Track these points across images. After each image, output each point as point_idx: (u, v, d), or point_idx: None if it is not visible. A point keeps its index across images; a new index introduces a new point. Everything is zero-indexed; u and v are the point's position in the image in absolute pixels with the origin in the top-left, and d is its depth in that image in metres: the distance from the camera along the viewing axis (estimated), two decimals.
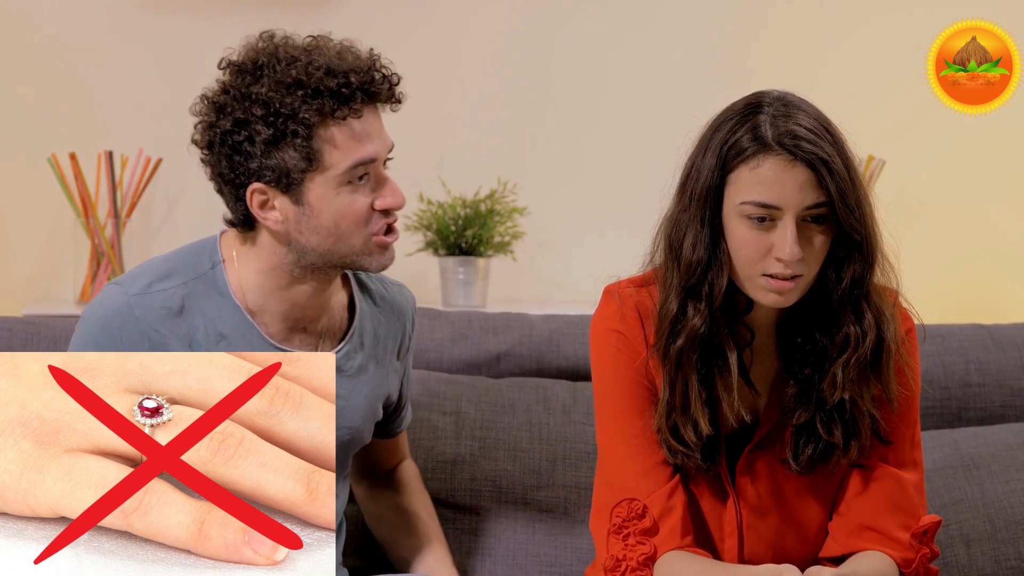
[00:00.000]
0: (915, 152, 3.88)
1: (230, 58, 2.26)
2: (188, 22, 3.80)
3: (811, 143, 2.15)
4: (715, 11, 3.88)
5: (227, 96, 2.22)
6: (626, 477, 2.24)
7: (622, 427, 2.25)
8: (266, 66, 2.22)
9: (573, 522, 2.67)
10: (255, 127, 2.19)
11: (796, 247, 2.14)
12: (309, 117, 2.18)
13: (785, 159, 2.15)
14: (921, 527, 2.24)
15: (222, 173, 2.24)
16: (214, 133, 2.23)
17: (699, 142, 2.24)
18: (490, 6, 3.85)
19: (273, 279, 2.27)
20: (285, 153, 2.19)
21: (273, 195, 2.22)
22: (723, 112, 2.24)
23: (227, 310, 2.26)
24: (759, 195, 2.15)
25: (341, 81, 2.20)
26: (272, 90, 2.19)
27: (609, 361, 2.27)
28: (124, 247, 3.75)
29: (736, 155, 2.17)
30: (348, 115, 2.20)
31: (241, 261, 2.28)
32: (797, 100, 2.21)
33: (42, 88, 3.79)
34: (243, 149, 2.20)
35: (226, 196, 2.27)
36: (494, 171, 3.77)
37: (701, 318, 2.21)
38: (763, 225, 2.16)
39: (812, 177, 2.15)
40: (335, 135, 2.20)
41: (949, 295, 3.89)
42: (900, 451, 2.27)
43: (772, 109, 2.19)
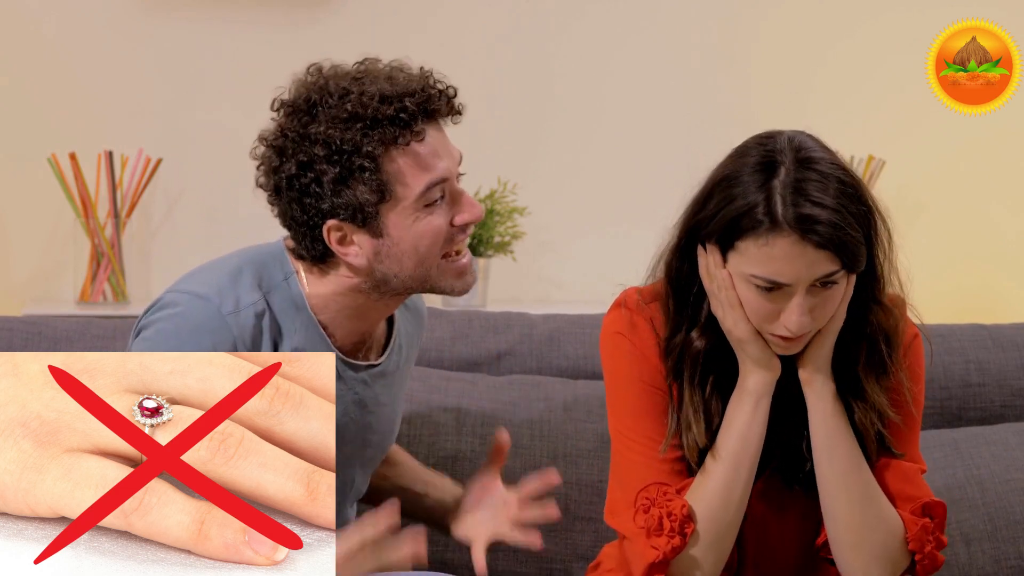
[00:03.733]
0: (915, 152, 3.89)
1: (282, 98, 2.20)
2: (188, 22, 3.80)
3: (827, 225, 2.07)
4: (715, 12, 3.88)
5: (286, 139, 2.16)
6: (650, 471, 2.22)
7: (642, 426, 2.24)
8: (319, 103, 2.15)
9: (573, 519, 2.67)
10: (320, 167, 2.13)
11: (805, 319, 2.11)
12: (372, 149, 2.12)
13: (796, 239, 2.08)
14: (921, 503, 2.22)
15: (294, 215, 2.17)
16: (279, 178, 2.17)
17: (706, 188, 2.16)
18: (490, 6, 3.86)
19: (348, 300, 2.22)
20: (355, 189, 2.13)
21: (350, 230, 2.16)
22: (734, 161, 2.15)
23: (301, 323, 2.22)
24: (768, 272, 2.10)
25: (398, 106, 2.14)
26: (330, 127, 2.13)
27: (624, 364, 2.26)
28: (124, 247, 3.76)
29: (747, 226, 2.10)
30: (411, 140, 2.14)
31: (311, 284, 2.23)
32: (813, 155, 2.12)
33: (42, 88, 3.79)
34: (312, 191, 2.14)
35: (300, 235, 2.19)
36: (494, 171, 3.77)
37: (704, 341, 2.21)
38: (771, 294, 2.12)
39: (824, 253, 2.09)
40: (402, 162, 2.14)
41: (949, 295, 3.90)
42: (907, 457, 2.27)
43: (786, 174, 2.09)
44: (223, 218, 3.87)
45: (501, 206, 3.70)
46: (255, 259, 2.24)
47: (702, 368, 2.22)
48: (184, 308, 2.17)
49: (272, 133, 2.19)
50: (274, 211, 2.21)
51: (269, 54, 3.81)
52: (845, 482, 2.19)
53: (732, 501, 2.19)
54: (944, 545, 2.23)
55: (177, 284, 2.22)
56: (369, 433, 2.31)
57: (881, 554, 2.20)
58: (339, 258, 2.19)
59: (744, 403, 2.19)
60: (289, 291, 2.22)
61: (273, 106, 2.20)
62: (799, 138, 2.15)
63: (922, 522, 2.20)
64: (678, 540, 2.17)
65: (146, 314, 2.22)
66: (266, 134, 2.20)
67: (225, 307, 2.17)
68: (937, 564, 2.22)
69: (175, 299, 2.19)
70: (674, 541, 2.17)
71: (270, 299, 2.21)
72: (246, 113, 3.83)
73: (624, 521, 2.22)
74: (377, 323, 2.28)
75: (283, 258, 2.24)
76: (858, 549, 2.20)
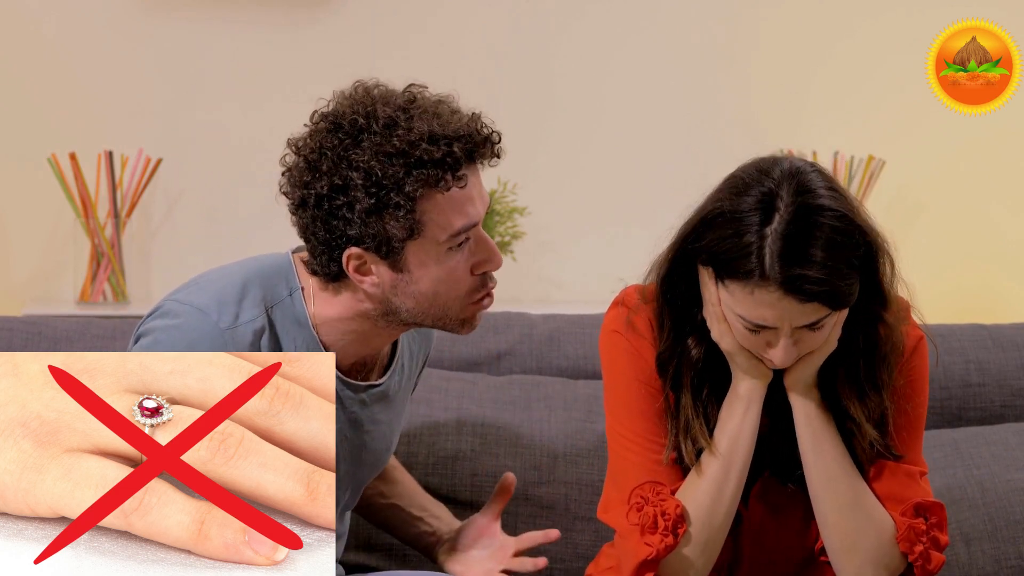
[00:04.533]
0: (915, 152, 3.89)
1: (323, 110, 2.14)
2: (188, 22, 3.80)
3: (815, 283, 2.06)
4: (715, 11, 3.88)
5: (323, 157, 2.10)
6: (644, 470, 2.23)
7: (637, 427, 2.24)
8: (365, 130, 2.09)
9: (573, 518, 2.67)
10: (355, 194, 2.08)
11: (791, 353, 2.12)
12: (413, 190, 2.08)
13: (783, 294, 2.07)
14: (913, 503, 2.22)
15: (316, 233, 2.13)
16: (308, 193, 2.11)
17: (702, 215, 2.14)
18: (490, 6, 3.86)
19: (354, 325, 2.20)
20: (386, 223, 2.09)
21: (372, 260, 2.12)
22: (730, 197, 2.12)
23: (302, 339, 2.19)
24: (754, 317, 2.10)
25: (445, 150, 2.09)
26: (373, 158, 2.08)
27: (622, 364, 2.26)
28: (124, 247, 3.76)
29: (737, 270, 2.08)
30: (452, 184, 2.11)
31: (319, 301, 2.20)
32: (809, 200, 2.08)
33: (42, 88, 3.79)
34: (341, 215, 2.09)
35: (317, 253, 2.15)
36: (494, 171, 3.76)
37: (700, 349, 2.22)
38: (758, 332, 2.12)
39: (813, 306, 2.08)
40: (438, 204, 2.11)
41: (949, 295, 3.90)
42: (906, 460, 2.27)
43: (779, 223, 2.07)
44: (223, 218, 3.87)
45: (501, 206, 3.70)
46: (261, 271, 2.21)
47: (699, 375, 2.23)
48: (183, 320, 2.14)
49: (308, 145, 2.13)
50: (294, 221, 2.17)
51: (269, 54, 3.81)
52: (832, 487, 2.19)
53: (723, 502, 2.19)
54: (944, 545, 2.22)
55: (179, 292, 2.19)
56: (363, 452, 2.29)
57: (874, 558, 2.20)
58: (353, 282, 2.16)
59: (735, 407, 2.20)
60: (293, 308, 2.19)
61: (313, 117, 2.14)
62: (799, 177, 2.11)
63: (912, 523, 2.20)
64: (671, 539, 2.17)
65: (147, 319, 2.19)
66: (299, 142, 2.14)
67: (223, 322, 2.14)
68: (934, 565, 2.21)
69: (175, 309, 2.16)
70: (667, 540, 2.17)
71: (272, 315, 2.18)
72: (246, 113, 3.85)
73: (617, 517, 2.23)
74: (380, 348, 2.25)
75: (290, 273, 2.21)
76: (851, 553, 2.20)
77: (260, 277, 2.19)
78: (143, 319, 2.21)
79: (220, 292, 2.17)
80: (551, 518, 2.66)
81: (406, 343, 2.34)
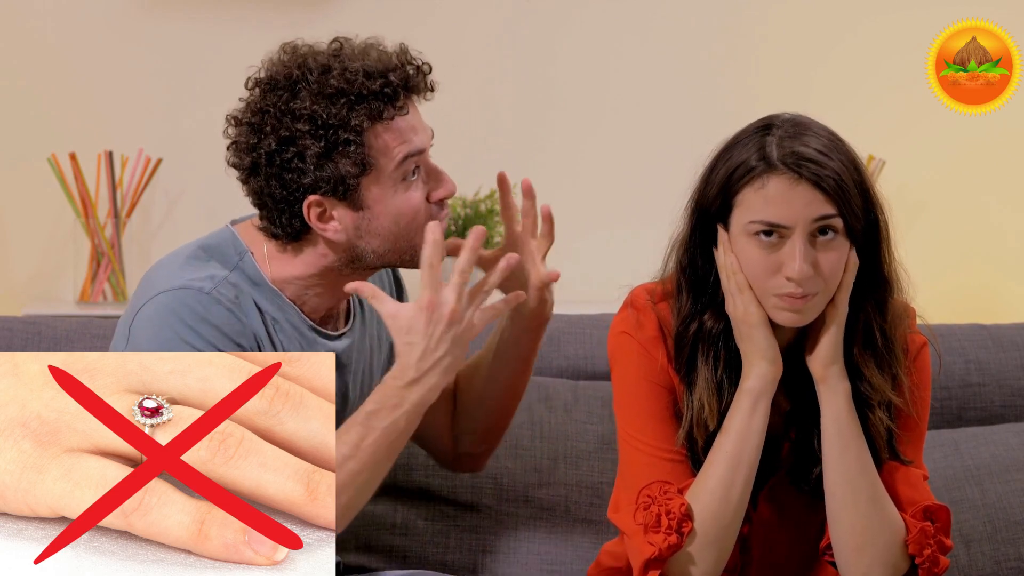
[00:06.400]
0: (915, 152, 3.89)
1: (256, 76, 2.22)
2: (188, 22, 3.80)
3: (817, 163, 2.13)
4: (716, 11, 3.88)
5: (265, 116, 2.19)
6: (653, 469, 2.22)
7: (646, 427, 2.24)
8: (300, 79, 2.18)
9: (574, 520, 2.67)
10: (303, 142, 2.16)
11: (805, 265, 2.13)
12: (359, 123, 2.16)
13: (790, 177, 2.13)
14: (923, 506, 2.22)
15: (271, 193, 2.20)
16: (258, 155, 2.19)
17: (708, 165, 2.22)
18: (490, 6, 3.86)
19: (314, 281, 2.26)
20: (338, 163, 2.17)
21: (331, 205, 2.19)
22: (733, 136, 2.23)
23: (267, 297, 2.24)
24: (765, 215, 2.14)
25: (382, 82, 2.18)
26: (315, 103, 2.16)
27: (631, 364, 2.26)
28: (124, 247, 3.76)
29: (742, 175, 2.16)
30: (395, 114, 2.19)
31: (274, 262, 2.25)
32: (808, 121, 2.20)
33: (42, 88, 3.79)
34: (293, 166, 2.17)
35: (275, 214, 2.21)
36: (494, 171, 3.77)
37: (718, 324, 2.22)
38: (771, 244, 2.14)
39: (818, 194, 2.13)
40: (383, 136, 2.19)
41: (949, 295, 3.90)
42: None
43: (781, 131, 2.18)
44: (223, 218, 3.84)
45: None
46: (205, 246, 2.27)
47: (715, 349, 2.22)
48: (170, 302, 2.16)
49: (247, 111, 2.22)
50: (245, 191, 2.24)
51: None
52: (853, 484, 2.19)
53: (731, 501, 2.19)
54: (948, 549, 2.23)
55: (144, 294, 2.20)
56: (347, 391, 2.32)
57: (884, 558, 2.20)
58: (316, 235, 2.22)
59: (743, 402, 2.20)
60: (245, 268, 2.24)
61: (247, 85, 2.22)
62: (796, 116, 2.22)
63: (922, 525, 2.20)
64: (675, 538, 2.17)
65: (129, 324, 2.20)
66: (238, 113, 2.23)
67: (205, 288, 2.19)
68: (940, 568, 2.22)
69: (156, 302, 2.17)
70: (671, 539, 2.17)
71: (233, 277, 2.23)
72: None
73: (624, 517, 2.23)
74: (346, 298, 2.31)
75: (234, 239, 2.27)
76: (861, 552, 2.20)
77: (205, 251, 2.26)
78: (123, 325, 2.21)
79: (182, 271, 2.21)
80: (552, 520, 2.66)
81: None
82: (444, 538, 2.64)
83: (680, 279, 2.25)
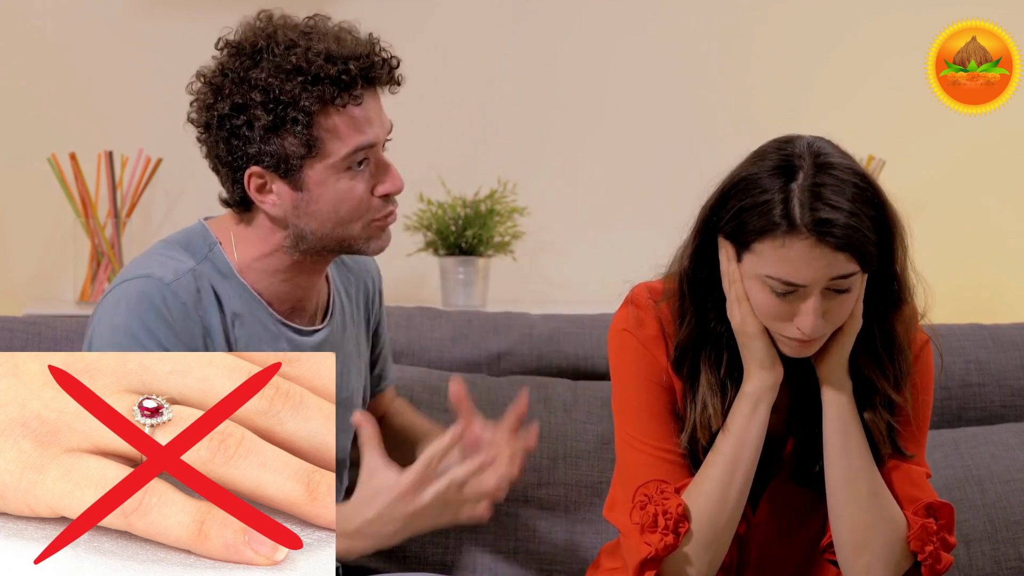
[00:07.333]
0: (915, 152, 3.88)
1: (227, 38, 2.25)
2: (188, 22, 3.80)
3: (844, 228, 2.08)
4: (715, 11, 3.88)
5: (225, 78, 2.21)
6: (650, 468, 2.22)
7: (645, 425, 2.24)
8: (264, 50, 2.20)
9: (574, 520, 2.67)
10: (254, 112, 2.18)
11: (819, 321, 2.11)
12: (309, 105, 2.17)
13: (813, 241, 2.08)
14: (924, 503, 2.22)
15: (219, 155, 2.23)
16: (212, 115, 2.22)
17: (722, 189, 2.17)
18: (490, 6, 3.85)
19: (273, 262, 2.27)
20: (284, 140, 2.18)
21: (271, 179, 2.21)
22: (751, 164, 2.16)
23: (234, 290, 2.26)
24: (784, 274, 2.10)
25: (341, 68, 2.18)
26: (271, 76, 2.18)
27: (631, 362, 2.26)
28: (124, 247, 3.75)
29: (763, 228, 2.10)
30: (348, 102, 2.19)
31: (240, 245, 2.28)
32: (831, 159, 2.12)
33: (42, 88, 3.79)
34: (241, 133, 2.20)
35: (223, 176, 2.25)
36: (494, 171, 3.77)
37: (719, 326, 2.21)
38: (785, 297, 2.12)
39: (840, 255, 2.09)
40: (335, 122, 2.19)
41: (949, 295, 3.88)
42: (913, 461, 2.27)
43: (804, 177, 2.10)
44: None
45: (501, 206, 3.69)
46: (176, 240, 2.29)
47: (718, 351, 2.22)
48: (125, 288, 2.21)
49: (211, 71, 2.23)
50: (203, 151, 2.25)
51: None
52: (855, 482, 2.19)
53: (728, 502, 2.19)
54: (952, 546, 2.23)
55: (115, 281, 2.26)
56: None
57: (885, 555, 2.20)
58: (258, 206, 2.23)
59: (743, 405, 2.20)
60: (214, 260, 2.26)
61: (218, 44, 2.25)
62: (818, 143, 2.15)
63: (924, 522, 2.20)
64: (671, 538, 2.17)
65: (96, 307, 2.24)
66: (205, 71, 2.25)
67: (166, 278, 2.21)
68: (943, 565, 2.22)
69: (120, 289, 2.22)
70: (667, 539, 2.17)
71: (199, 270, 2.24)
72: None
73: (621, 516, 2.23)
74: (310, 288, 2.31)
75: (204, 232, 2.29)
76: (862, 550, 2.20)
77: (177, 245, 2.28)
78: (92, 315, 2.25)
79: (149, 260, 2.25)
80: (551, 520, 2.66)
81: (340, 285, 2.40)
82: (444, 538, 2.64)
83: (684, 283, 2.24)
